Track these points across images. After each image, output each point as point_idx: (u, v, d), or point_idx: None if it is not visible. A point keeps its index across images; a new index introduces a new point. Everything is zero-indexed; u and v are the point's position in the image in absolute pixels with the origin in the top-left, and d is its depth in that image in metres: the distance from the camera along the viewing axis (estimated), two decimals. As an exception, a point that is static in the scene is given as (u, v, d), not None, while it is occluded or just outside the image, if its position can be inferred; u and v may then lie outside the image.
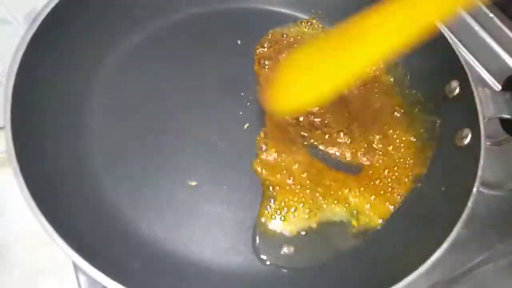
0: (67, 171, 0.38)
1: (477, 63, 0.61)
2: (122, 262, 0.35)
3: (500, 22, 0.60)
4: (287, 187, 0.41)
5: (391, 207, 0.41)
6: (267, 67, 0.47)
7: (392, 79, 0.48)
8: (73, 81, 0.42)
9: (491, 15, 0.61)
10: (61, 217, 0.32)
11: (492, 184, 0.50)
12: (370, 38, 0.31)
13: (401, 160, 0.43)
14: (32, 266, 0.39)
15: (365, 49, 0.32)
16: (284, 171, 0.42)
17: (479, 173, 0.35)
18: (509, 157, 0.53)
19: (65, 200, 0.35)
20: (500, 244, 0.46)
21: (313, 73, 0.34)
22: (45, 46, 0.39)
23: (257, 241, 0.39)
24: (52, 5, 0.39)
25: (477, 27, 0.61)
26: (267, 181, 0.41)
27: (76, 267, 0.38)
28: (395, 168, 0.43)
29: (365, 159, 0.43)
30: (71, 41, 0.42)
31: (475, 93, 0.39)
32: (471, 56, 0.61)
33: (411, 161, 0.43)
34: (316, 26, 0.52)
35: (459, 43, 0.61)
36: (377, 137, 0.44)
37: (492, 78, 0.59)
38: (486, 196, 0.49)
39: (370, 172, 0.43)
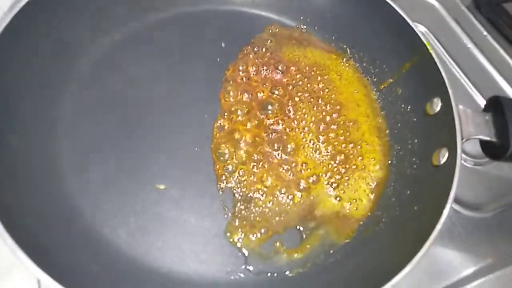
0: (33, 168, 0.37)
1: (468, 81, 0.60)
2: (81, 265, 0.34)
3: (493, 41, 0.60)
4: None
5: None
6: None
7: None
8: (49, 75, 0.41)
9: (485, 33, 0.60)
10: (19, 216, 0.31)
11: (472, 205, 0.49)
12: None
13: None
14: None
15: None
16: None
17: (452, 194, 0.34)
18: (491, 178, 0.52)
19: (26, 198, 0.34)
20: (474, 267, 0.45)
21: None
22: (22, 36, 0.38)
23: (226, 250, 0.38)
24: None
25: (470, 45, 0.61)
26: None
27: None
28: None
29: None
30: (51, 33, 0.41)
31: (455, 112, 0.38)
32: (462, 74, 0.60)
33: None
34: (303, 32, 0.51)
35: (451, 60, 0.61)
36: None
37: (481, 98, 0.59)
38: (465, 217, 0.48)
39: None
